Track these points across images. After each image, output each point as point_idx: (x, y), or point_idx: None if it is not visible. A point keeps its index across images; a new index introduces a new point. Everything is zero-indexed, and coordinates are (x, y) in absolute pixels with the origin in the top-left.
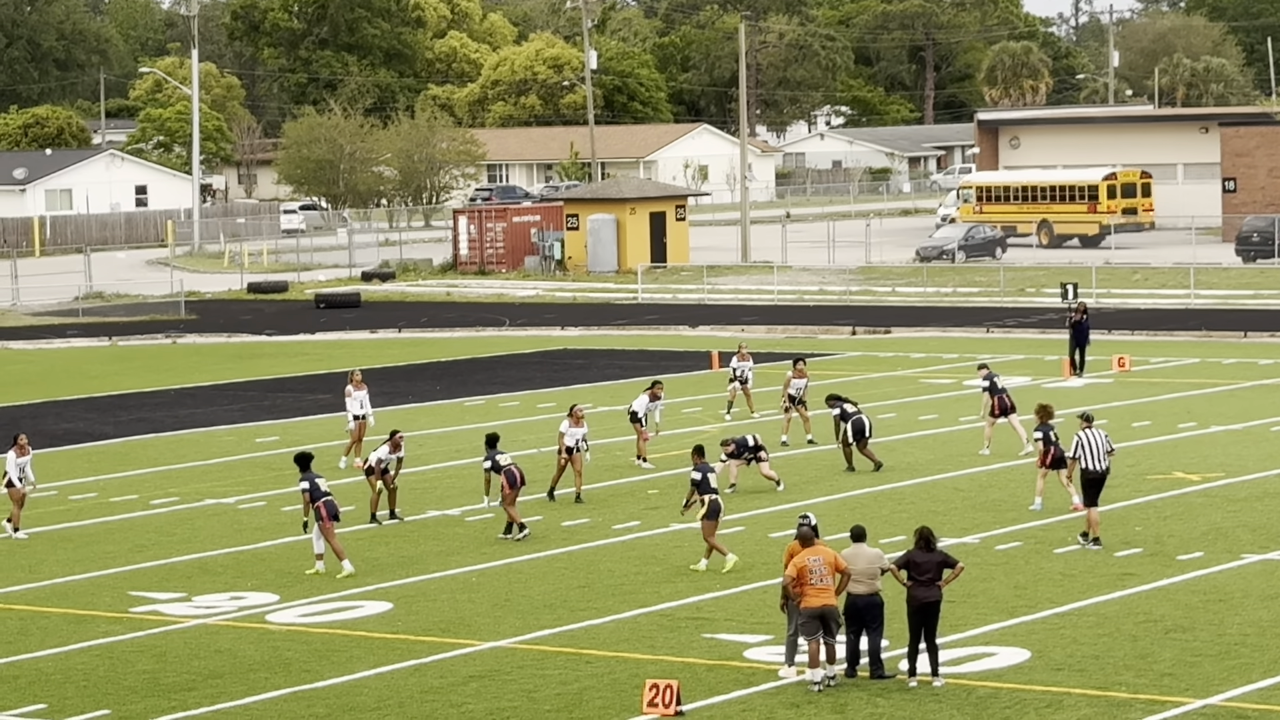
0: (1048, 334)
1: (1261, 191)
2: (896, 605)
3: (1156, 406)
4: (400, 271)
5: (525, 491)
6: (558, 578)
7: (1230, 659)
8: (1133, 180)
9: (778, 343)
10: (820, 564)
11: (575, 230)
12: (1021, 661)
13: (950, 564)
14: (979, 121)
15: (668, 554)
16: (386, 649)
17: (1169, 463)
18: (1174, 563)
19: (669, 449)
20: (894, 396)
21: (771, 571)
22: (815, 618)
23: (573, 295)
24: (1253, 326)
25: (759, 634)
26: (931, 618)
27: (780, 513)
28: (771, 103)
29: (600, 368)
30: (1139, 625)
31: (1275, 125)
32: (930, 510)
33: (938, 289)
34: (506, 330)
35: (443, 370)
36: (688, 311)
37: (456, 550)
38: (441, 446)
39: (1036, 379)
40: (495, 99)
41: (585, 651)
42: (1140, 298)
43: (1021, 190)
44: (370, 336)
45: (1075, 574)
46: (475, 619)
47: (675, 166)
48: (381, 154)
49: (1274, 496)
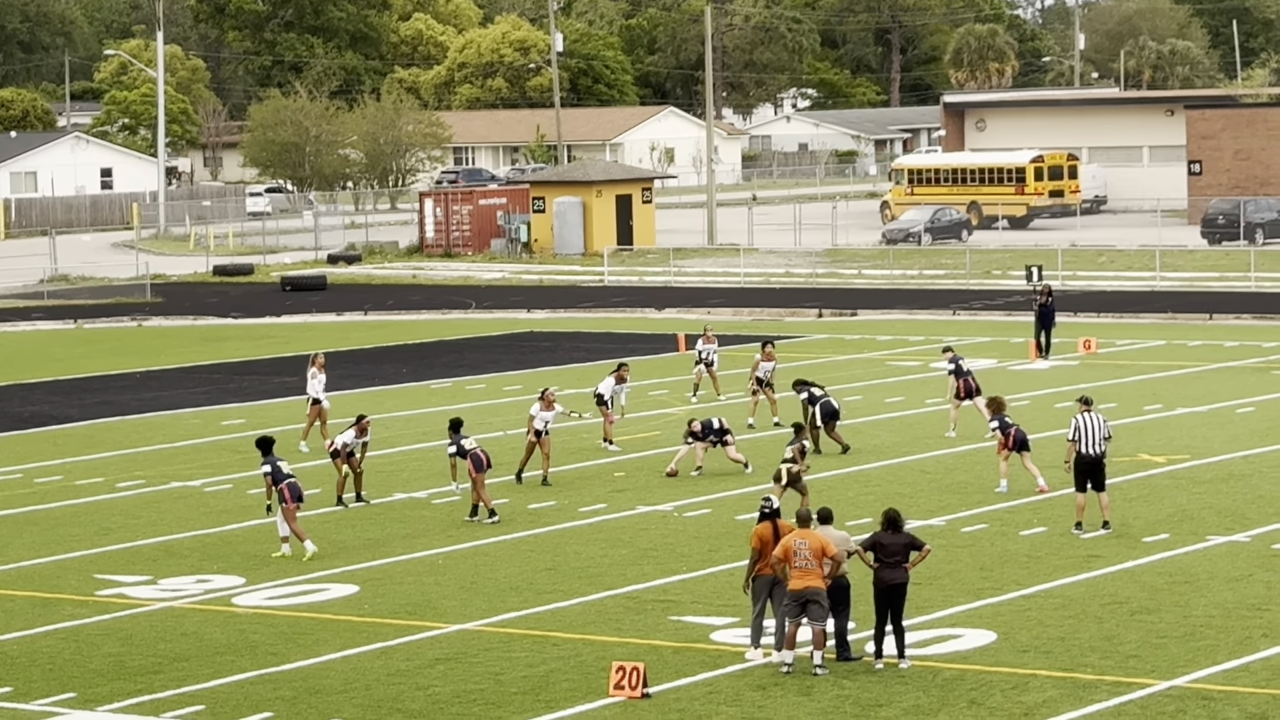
0: (1014, 316)
1: (1226, 174)
2: (863, 587)
3: (1122, 389)
4: (366, 254)
5: (492, 474)
6: (524, 560)
7: (1195, 641)
8: (1060, 163)
9: (744, 325)
10: (805, 547)
11: (541, 213)
12: (987, 643)
13: (917, 546)
14: (945, 104)
15: (634, 537)
16: (353, 632)
17: (1135, 445)
18: (1139, 545)
19: (635, 431)
20: (860, 379)
21: (738, 554)
22: (797, 600)
23: (539, 278)
24: (1218, 309)
25: (725, 616)
26: (898, 600)
27: (747, 495)
28: (738, 85)
29: (566, 350)
30: (1105, 607)
31: (1240, 108)
32: (897, 492)
33: (904, 271)
34: (473, 313)
35: (409, 353)
36: (654, 294)
37: (423, 533)
38: (408, 429)
39: (1003, 361)
40: (461, 82)
41: (552, 634)
42: (1106, 280)
43: (951, 173)
44: (336, 319)
45: (1041, 556)
46: (441, 602)
47: (641, 149)
48: (347, 137)
49: (1239, 479)
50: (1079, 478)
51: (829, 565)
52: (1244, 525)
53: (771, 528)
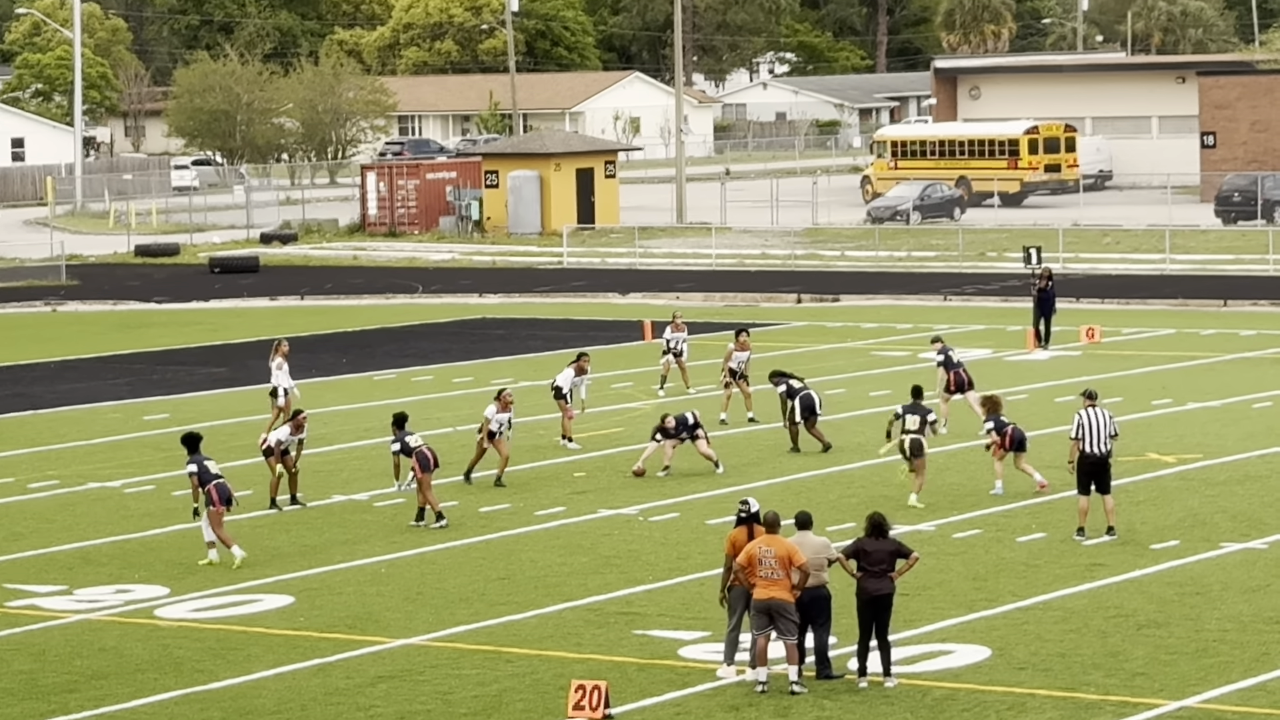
0: (1010, 302)
1: (1243, 147)
2: (845, 599)
3: (1128, 381)
4: (303, 233)
5: (440, 474)
6: (475, 569)
7: (1208, 657)
8: (1056, 134)
9: (716, 312)
10: (771, 555)
11: (495, 188)
12: (981, 660)
13: (904, 553)
14: (936, 70)
15: (595, 543)
16: (287, 647)
17: (1142, 443)
18: (1147, 552)
19: (596, 428)
20: (843, 370)
21: (709, 562)
22: (763, 611)
23: (492, 259)
24: (1233, 294)
25: (695, 630)
26: (883, 612)
27: (718, 497)
28: (709, 49)
29: (522, 339)
30: (1109, 620)
31: (1258, 74)
32: (882, 495)
33: (890, 253)
34: (419, 298)
35: (349, 341)
36: (617, 277)
37: (364, 539)
38: (348, 425)
39: (998, 351)
40: (407, 44)
41: (505, 650)
42: (1111, 263)
43: (938, 145)
44: (270, 304)
45: (1040, 564)
46: (385, 614)
47: (604, 119)
48: (282, 104)
49: (1255, 480)
50: (1082, 479)
51: (797, 575)
52: (1261, 531)
53: (748, 533)
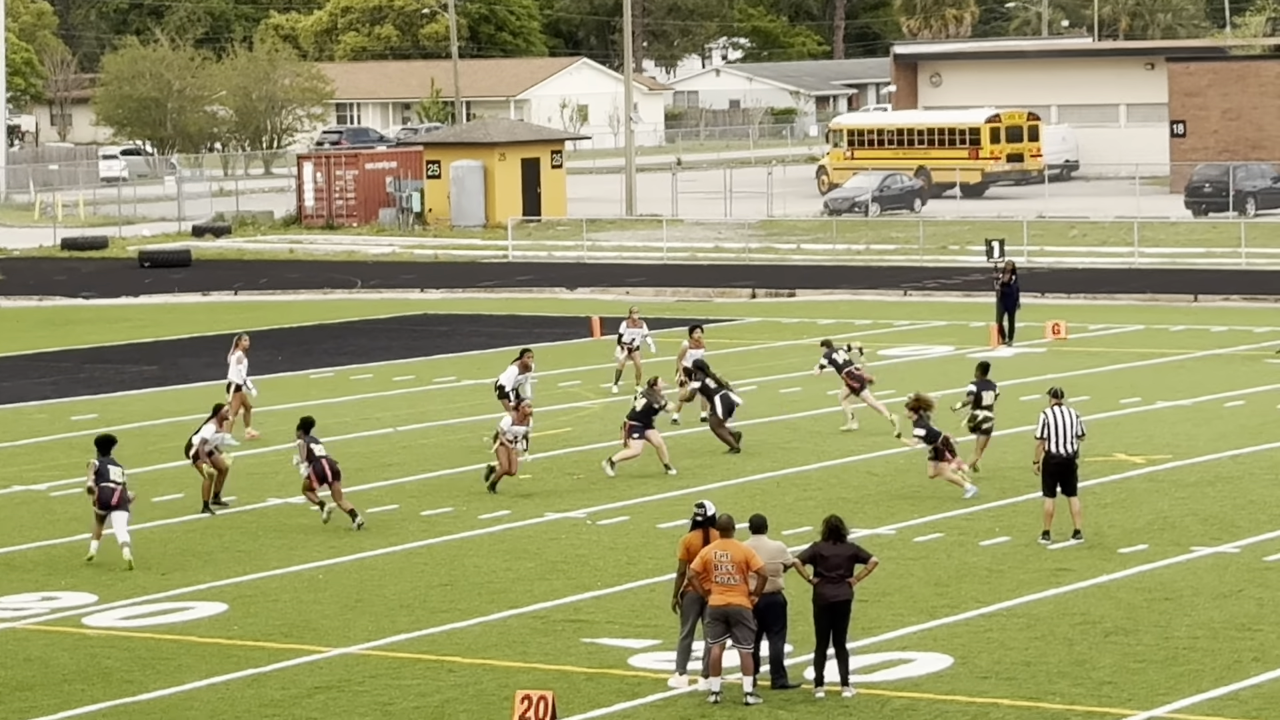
0: (973, 297)
1: (1214, 136)
2: (802, 605)
3: (1096, 379)
4: (237, 226)
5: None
6: (416, 574)
7: (1178, 665)
8: (1019, 122)
9: (667, 307)
10: (728, 560)
11: (437, 179)
12: (943, 669)
13: (862, 558)
14: (895, 56)
15: (542, 548)
16: (220, 656)
17: (1110, 443)
18: (1115, 556)
19: (543, 428)
20: (799, 369)
21: (660, 567)
22: (719, 619)
23: (434, 253)
24: (1204, 289)
25: (645, 638)
26: (841, 619)
27: (670, 500)
28: (660, 34)
29: (465, 335)
30: (1075, 627)
31: (1230, 60)
32: (840, 498)
33: (849, 246)
34: (358, 293)
35: (285, 338)
36: (565, 272)
37: (300, 544)
38: (284, 426)
39: (960, 348)
40: (345, 29)
41: (448, 658)
42: (1077, 256)
43: (897, 134)
44: (202, 299)
45: (1003, 569)
46: (322, 622)
47: (551, 106)
48: (215, 91)
49: (1227, 481)
50: (1047, 480)
51: (755, 580)
52: (1232, 534)
53: (703, 537)
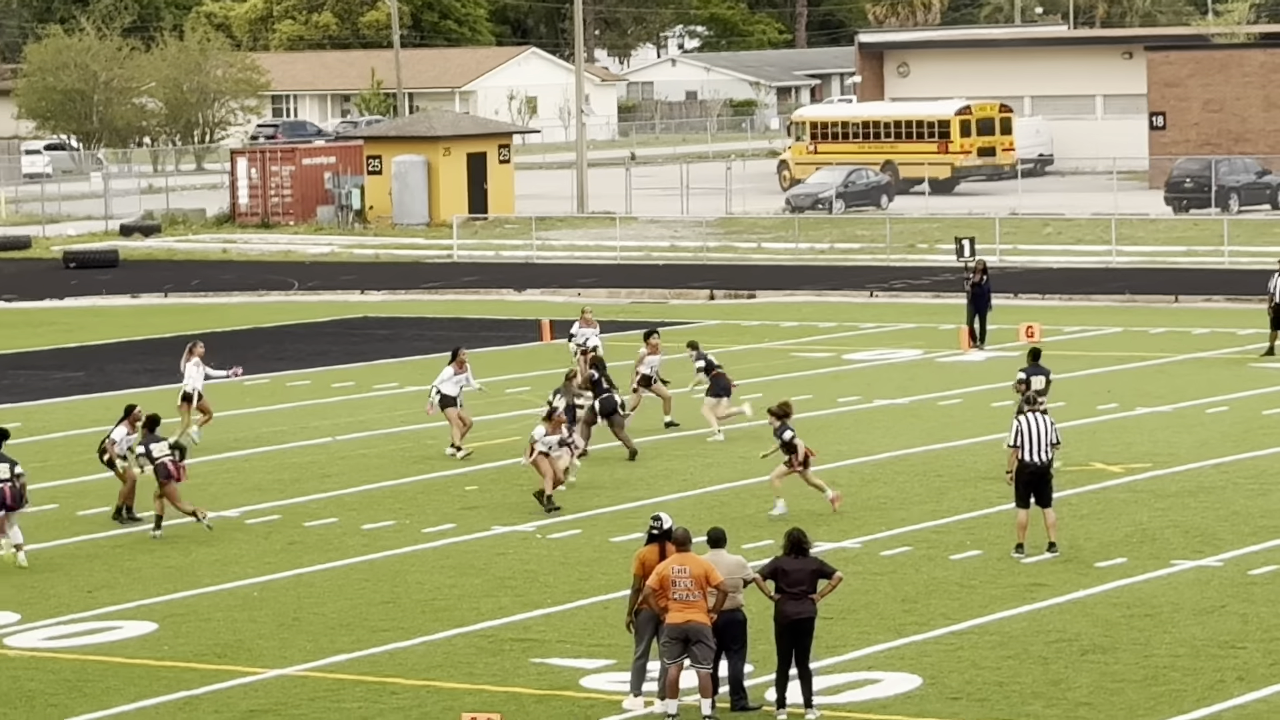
0: (942, 298)
1: (1195, 128)
2: (763, 623)
3: (1072, 385)
4: (167, 224)
5: (302, 487)
6: (357, 592)
7: (1158, 684)
8: (990, 115)
9: (621, 309)
10: (686, 575)
11: (378, 175)
12: (911, 689)
13: (826, 573)
14: (860, 45)
15: (489, 563)
16: (150, 678)
17: (1086, 452)
18: (1092, 571)
19: (490, 436)
20: (760, 374)
21: (613, 583)
22: (678, 638)
23: (375, 252)
24: (1185, 289)
25: (598, 658)
26: (804, 637)
27: (624, 512)
28: (613, 22)
29: (408, 339)
30: (1050, 645)
31: (1212, 49)
32: (803, 510)
33: (812, 245)
34: (295, 294)
35: (219, 342)
36: (513, 272)
37: (235, 559)
38: (217, 435)
39: (930, 352)
40: (281, 17)
41: (390, 680)
42: (1052, 255)
43: (862, 127)
44: (131, 302)
45: (975, 585)
46: (257, 641)
47: (498, 98)
48: (144, 83)
49: (1209, 491)
50: (1021, 490)
51: (714, 596)
52: (1215, 547)
53: (659, 552)
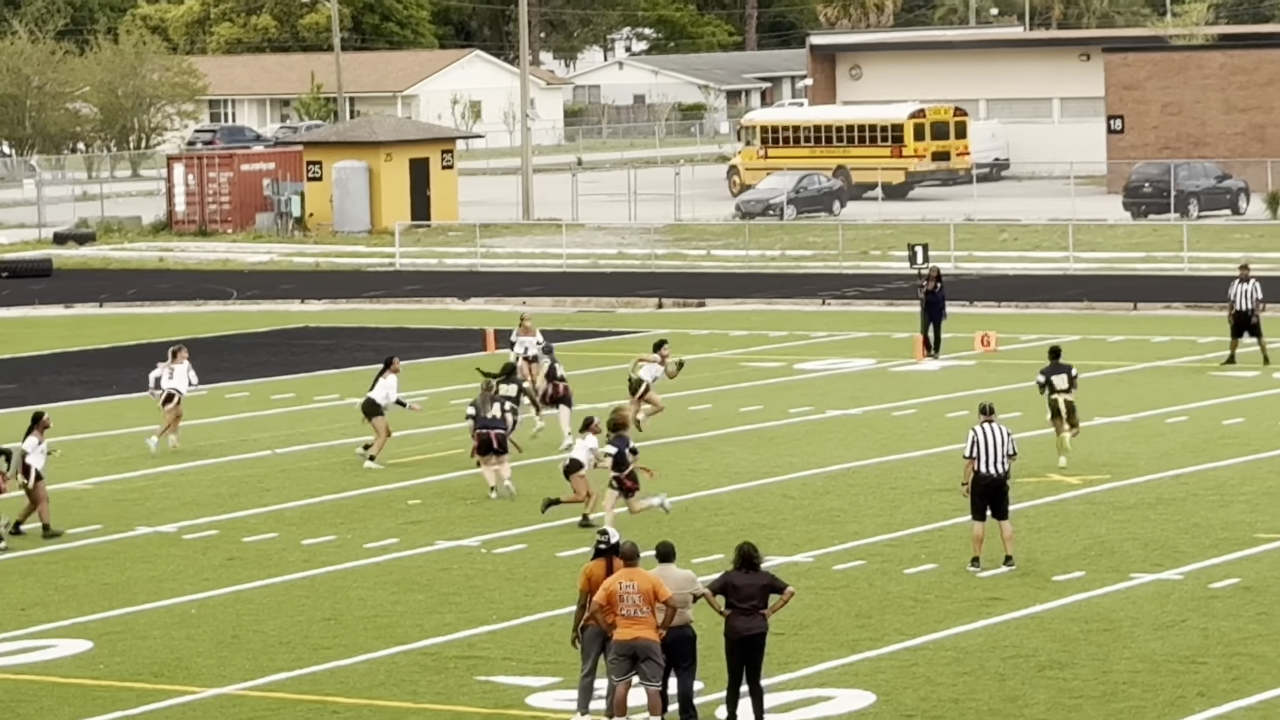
0: (896, 306)
1: (1154, 132)
2: (713, 639)
3: (1028, 394)
4: (102, 232)
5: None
6: (297, 608)
7: (1117, 701)
8: (945, 118)
9: (567, 318)
10: (634, 591)
11: (318, 181)
12: (865, 706)
13: (777, 588)
14: (812, 47)
15: (432, 579)
16: (85, 698)
17: (1044, 463)
18: (1049, 585)
19: (433, 449)
20: (709, 384)
21: (560, 599)
22: (625, 655)
23: (315, 261)
24: (1144, 297)
25: (544, 676)
26: (755, 653)
27: (570, 526)
28: (559, 24)
29: (349, 350)
30: (1007, 661)
31: (1170, 51)
32: (754, 522)
33: (762, 252)
34: (234, 304)
35: (155, 354)
36: (456, 281)
37: (172, 575)
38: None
39: (883, 361)
40: (218, 19)
41: (331, 699)
42: (1008, 262)
43: (813, 131)
44: (65, 312)
45: (930, 599)
46: (195, 660)
47: (441, 103)
48: (78, 87)
49: (1169, 503)
50: (977, 503)
51: (662, 612)
52: (1175, 560)
53: (606, 567)
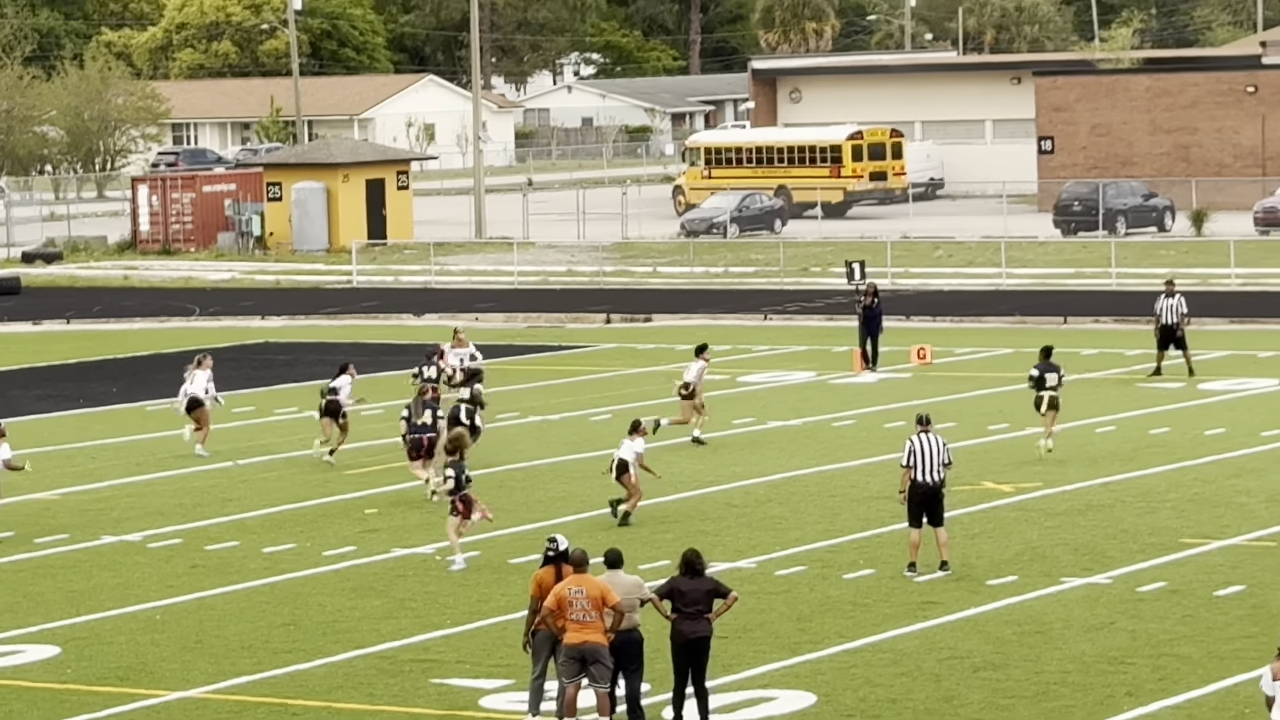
0: (835, 321)
1: (1083, 152)
2: (659, 642)
3: (963, 405)
4: (69, 251)
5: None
6: (258, 614)
7: (1048, 701)
8: (881, 140)
9: (518, 333)
10: (583, 596)
11: (277, 201)
12: (806, 707)
13: (722, 593)
14: (753, 71)
15: (389, 585)
16: (53, 701)
17: (978, 471)
18: (983, 589)
19: (389, 460)
20: (655, 396)
21: (512, 604)
22: (575, 658)
23: (275, 278)
24: (1074, 310)
25: (497, 679)
26: (700, 656)
27: (522, 534)
28: (509, 49)
29: (308, 364)
30: (942, 663)
31: (1099, 74)
32: (698, 530)
33: (706, 269)
34: (196, 320)
35: (120, 368)
36: (411, 297)
37: (137, 583)
38: (118, 460)
39: (823, 374)
40: (181, 46)
41: (291, 702)
42: (943, 278)
43: (755, 152)
44: (33, 329)
45: (868, 603)
46: (160, 664)
47: (396, 125)
48: (45, 111)
49: (1098, 510)
50: (913, 510)
51: (610, 617)
52: (1104, 565)
53: (556, 573)
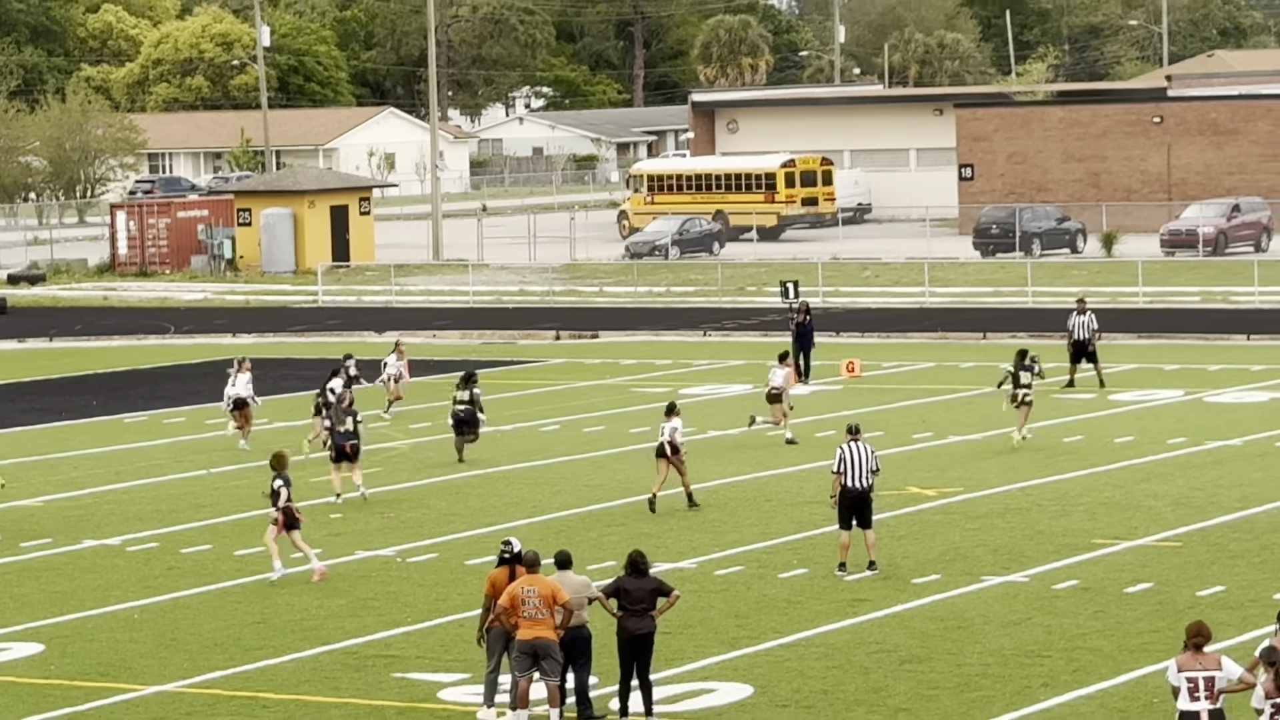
0: (770, 337)
1: (1001, 179)
2: (606, 638)
3: (889, 415)
4: (51, 273)
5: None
6: (230, 613)
7: (970, 691)
8: (813, 167)
9: (473, 349)
10: (535, 595)
11: (247, 226)
12: (744, 698)
13: (665, 592)
14: (693, 103)
15: (353, 585)
16: (37, 696)
17: (903, 477)
18: (909, 587)
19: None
20: (602, 408)
21: (468, 603)
22: (527, 653)
23: (245, 298)
24: (992, 327)
25: (454, 672)
26: (644, 651)
27: (478, 537)
28: (465, 83)
29: (276, 379)
30: (871, 656)
31: (1015, 106)
32: (643, 532)
33: (649, 288)
34: (172, 338)
35: (100, 383)
36: (373, 316)
37: (116, 584)
38: (98, 469)
39: (759, 387)
40: (157, 80)
41: (262, 695)
42: (870, 296)
43: (695, 179)
44: (18, 346)
45: (801, 601)
46: (138, 660)
47: (359, 155)
48: (28, 142)
49: (1016, 513)
50: (843, 514)
51: (561, 614)
52: (1021, 564)
53: (509, 574)
